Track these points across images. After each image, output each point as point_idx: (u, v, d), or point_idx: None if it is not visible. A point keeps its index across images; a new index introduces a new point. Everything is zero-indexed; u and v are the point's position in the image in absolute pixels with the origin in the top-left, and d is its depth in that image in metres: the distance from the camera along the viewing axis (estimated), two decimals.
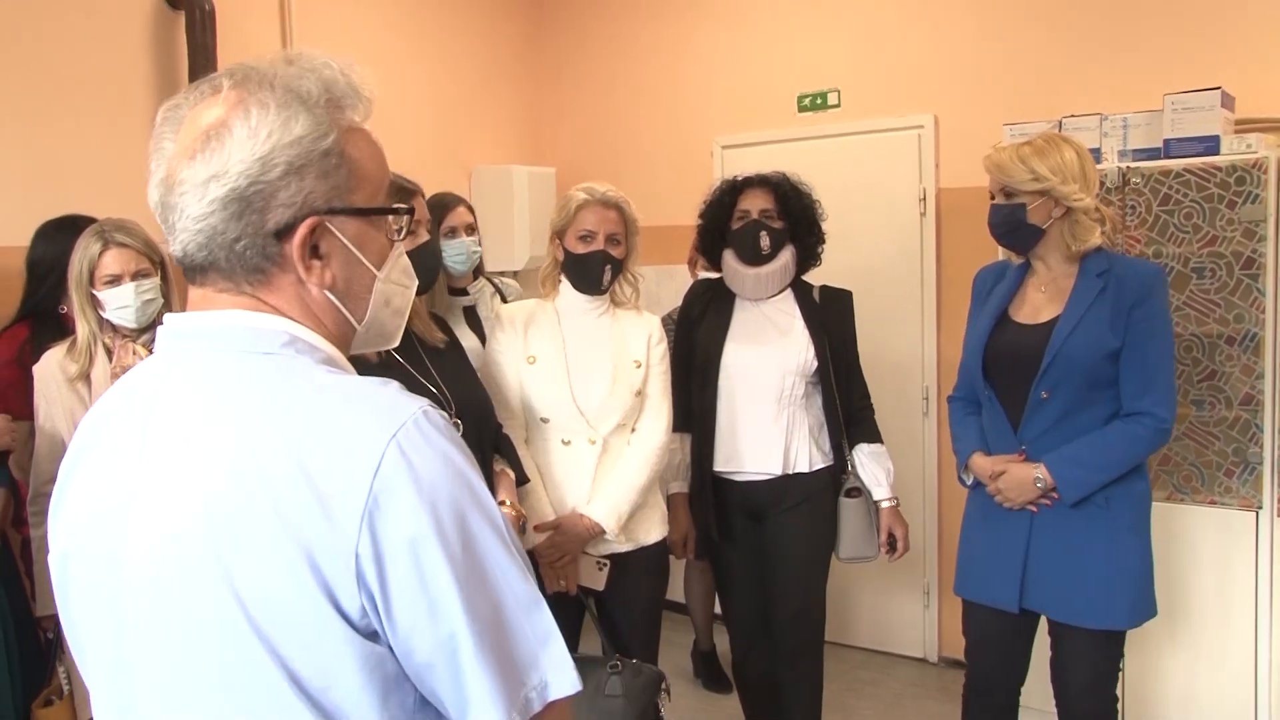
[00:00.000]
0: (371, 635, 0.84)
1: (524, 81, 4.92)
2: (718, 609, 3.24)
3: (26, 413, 2.48)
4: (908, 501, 3.09)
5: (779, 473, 2.69)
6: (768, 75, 4.29)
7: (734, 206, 2.76)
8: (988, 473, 2.39)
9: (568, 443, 2.41)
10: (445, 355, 2.22)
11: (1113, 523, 2.29)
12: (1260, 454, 2.90)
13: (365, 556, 0.82)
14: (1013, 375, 2.35)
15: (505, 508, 2.17)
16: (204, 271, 0.94)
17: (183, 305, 0.98)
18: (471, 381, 2.29)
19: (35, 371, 2.45)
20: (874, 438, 2.80)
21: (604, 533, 2.38)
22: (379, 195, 0.99)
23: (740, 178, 2.80)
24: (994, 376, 2.40)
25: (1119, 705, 2.44)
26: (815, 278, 2.85)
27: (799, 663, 2.77)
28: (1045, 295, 2.37)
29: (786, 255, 2.74)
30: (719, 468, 2.74)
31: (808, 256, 2.78)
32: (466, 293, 2.92)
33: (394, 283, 1.03)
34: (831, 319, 2.77)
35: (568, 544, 2.36)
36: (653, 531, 2.51)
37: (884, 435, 2.83)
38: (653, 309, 2.74)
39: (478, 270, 3.02)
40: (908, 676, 3.96)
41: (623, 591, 2.45)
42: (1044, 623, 2.44)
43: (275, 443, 0.84)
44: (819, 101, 4.17)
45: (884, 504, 2.75)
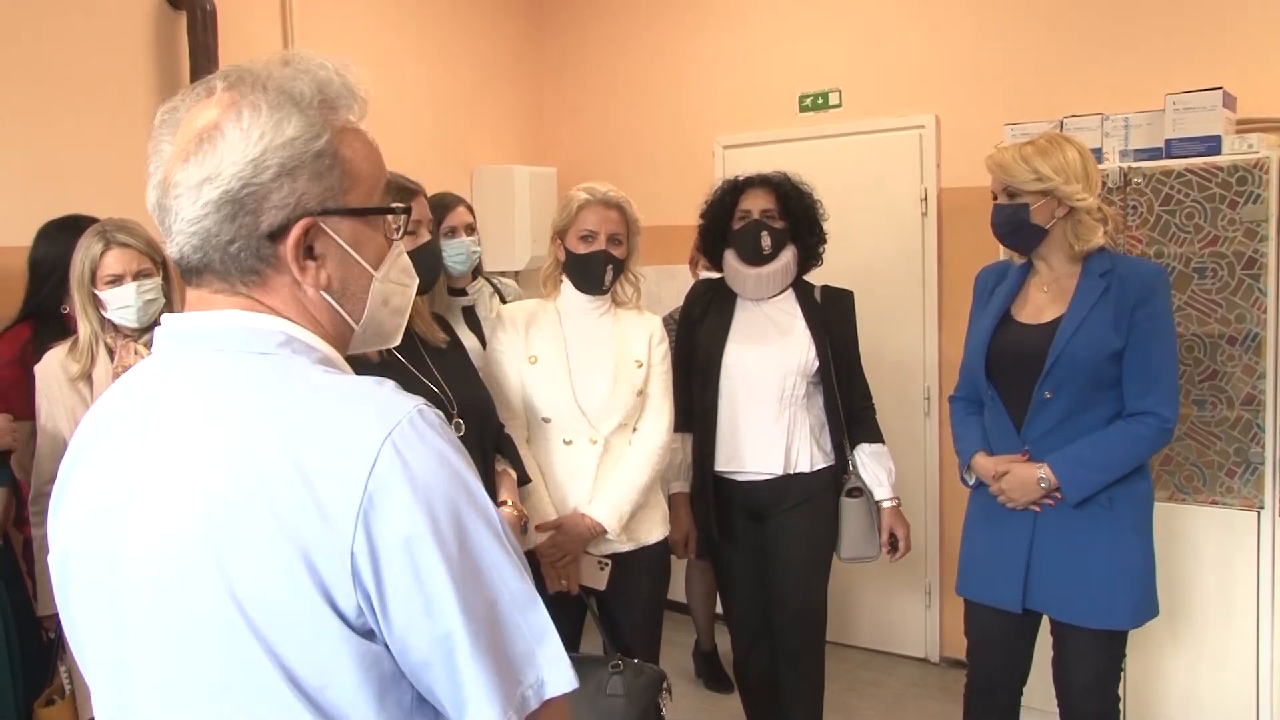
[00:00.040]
0: (368, 634, 0.85)
1: (525, 81, 4.92)
2: (719, 609, 3.23)
3: (28, 412, 2.48)
4: (909, 501, 3.09)
5: (780, 473, 2.69)
6: (769, 75, 4.29)
7: (735, 206, 2.76)
8: (991, 473, 2.39)
9: (569, 442, 2.42)
10: (447, 355, 2.22)
11: (1116, 523, 2.28)
12: (1262, 454, 2.90)
13: (361, 555, 0.82)
14: (1015, 375, 2.35)
15: (507, 508, 2.17)
16: (200, 273, 0.94)
17: (184, 305, 0.98)
18: (473, 381, 2.29)
19: (37, 371, 2.45)
20: (875, 438, 2.80)
21: (605, 532, 2.38)
22: (375, 195, 0.98)
23: (741, 178, 2.80)
24: (997, 376, 2.40)
25: (1121, 705, 2.44)
26: (817, 278, 2.85)
27: (800, 662, 2.77)
28: (1048, 295, 2.37)
29: (788, 255, 2.74)
30: (720, 467, 2.74)
31: (809, 256, 2.78)
32: (465, 293, 2.92)
33: (393, 282, 1.02)
34: (833, 319, 2.76)
35: (569, 544, 2.37)
36: (654, 531, 2.51)
37: (885, 435, 2.83)
38: (654, 309, 2.74)
39: (476, 270, 3.02)
40: (909, 676, 3.96)
41: (624, 591, 2.45)
42: (1045, 622, 2.44)
43: (272, 443, 0.84)
44: (820, 101, 4.17)
45: (885, 504, 2.75)
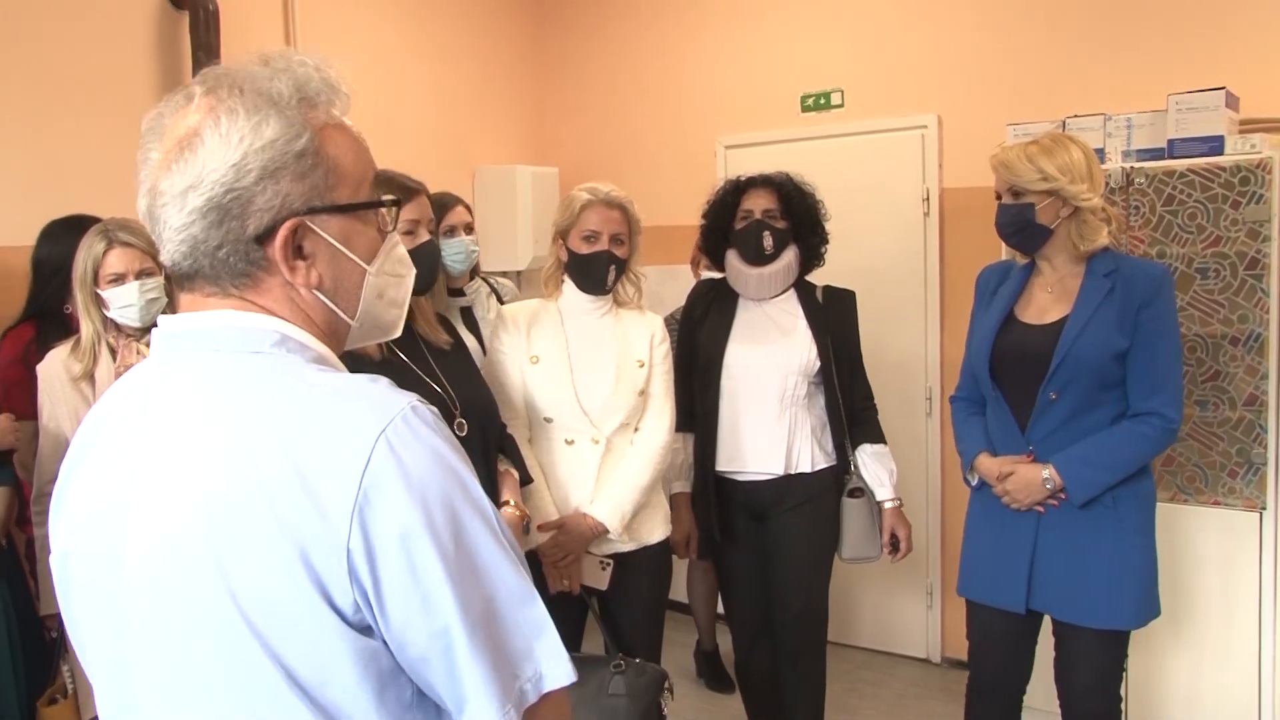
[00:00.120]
0: (365, 630, 0.85)
1: (527, 81, 4.92)
2: (721, 609, 3.24)
3: (31, 412, 2.48)
4: (910, 502, 3.08)
5: (781, 473, 2.69)
6: (771, 75, 4.29)
7: (737, 206, 2.76)
8: (995, 474, 2.38)
9: (571, 442, 2.42)
10: (450, 356, 2.22)
11: (1120, 523, 2.28)
12: (1264, 454, 2.90)
13: (357, 552, 0.82)
14: (1020, 376, 2.35)
15: (509, 508, 2.17)
16: (191, 279, 0.94)
17: (178, 309, 0.98)
18: (476, 381, 2.28)
19: (39, 371, 2.45)
20: (877, 438, 2.79)
21: (607, 532, 2.38)
22: (362, 190, 0.98)
23: (743, 178, 2.79)
24: (1000, 377, 2.40)
25: (1123, 705, 2.44)
26: (818, 278, 2.85)
27: (801, 663, 2.77)
28: (1052, 296, 2.36)
29: (789, 255, 2.73)
30: (721, 467, 2.74)
31: (811, 257, 2.78)
32: (463, 293, 2.91)
33: (388, 274, 1.02)
34: (835, 319, 2.76)
35: (571, 543, 2.37)
36: (656, 531, 2.51)
37: (887, 435, 2.83)
38: (656, 309, 2.74)
39: (473, 270, 3.02)
40: (910, 677, 3.96)
41: (626, 591, 2.45)
42: (1047, 622, 2.44)
43: (268, 441, 0.85)
44: (822, 101, 4.17)
45: (887, 504, 2.75)
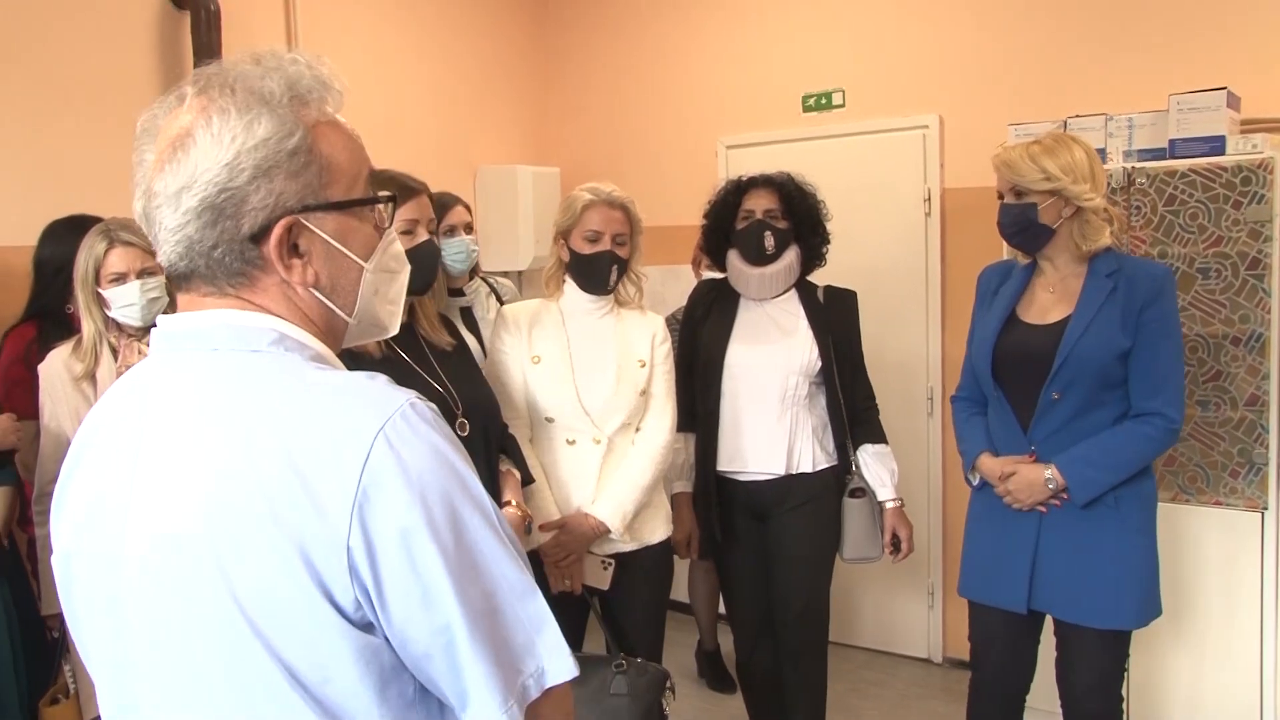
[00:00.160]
0: (367, 627, 0.85)
1: (528, 81, 4.92)
2: (722, 609, 3.24)
3: (33, 412, 2.48)
4: (912, 502, 3.08)
5: (782, 473, 2.69)
6: (772, 75, 4.29)
7: (739, 206, 2.76)
8: (997, 474, 2.38)
9: (572, 442, 2.42)
10: (452, 357, 2.22)
11: (1122, 523, 2.28)
12: (1266, 455, 2.90)
13: (357, 549, 0.82)
14: (1022, 376, 2.34)
15: (511, 508, 2.17)
16: (188, 279, 0.94)
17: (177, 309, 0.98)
18: (478, 382, 2.28)
19: (40, 371, 2.45)
20: (878, 438, 2.79)
21: (609, 532, 2.38)
22: (357, 186, 0.98)
23: (745, 178, 2.79)
24: (1002, 377, 2.39)
25: (1124, 706, 2.44)
26: (820, 278, 2.84)
27: (803, 663, 2.77)
28: (1054, 296, 2.36)
29: (791, 255, 2.73)
30: (722, 467, 2.73)
31: (812, 257, 2.78)
32: (463, 293, 2.91)
33: (384, 270, 1.02)
34: (836, 319, 2.76)
35: (573, 543, 2.37)
36: (657, 531, 2.51)
37: (888, 435, 2.83)
38: (657, 309, 2.74)
39: (473, 270, 3.02)
40: (912, 677, 3.96)
41: (627, 591, 2.45)
42: (1048, 622, 2.44)
43: (267, 440, 0.85)
44: (824, 101, 4.17)
45: (888, 504, 2.75)
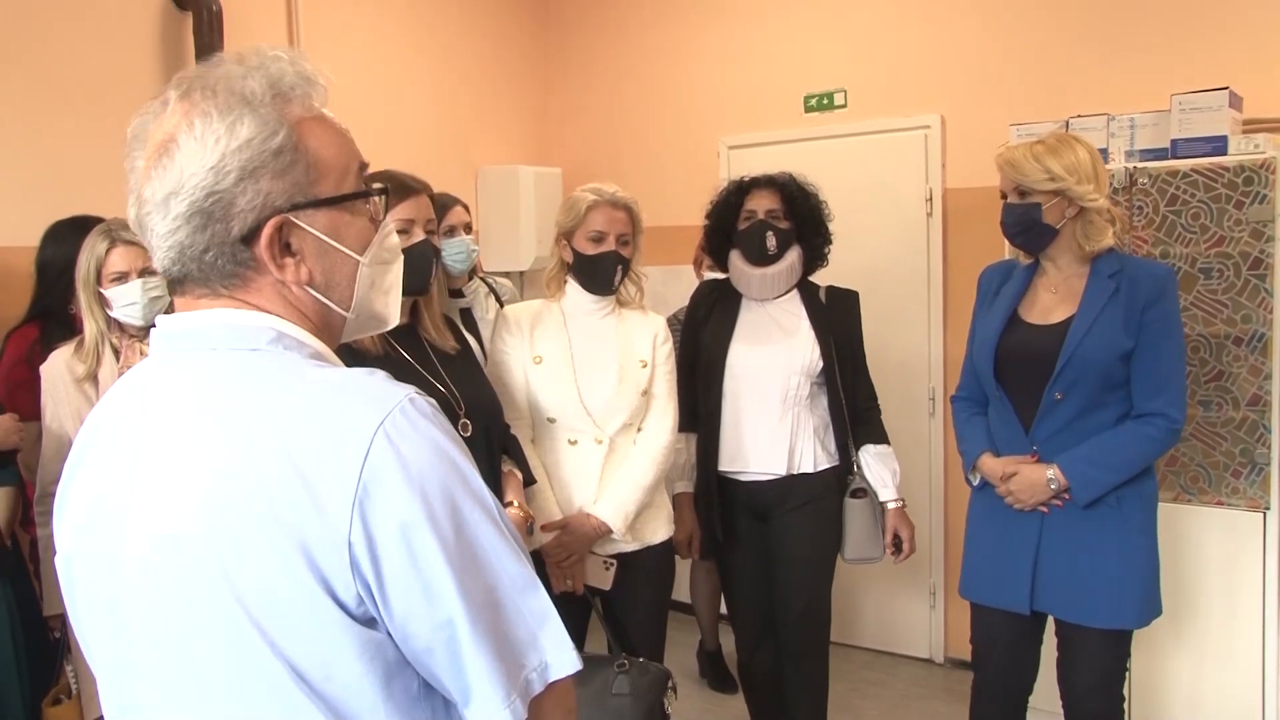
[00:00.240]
0: (369, 622, 0.85)
1: (530, 81, 4.92)
2: (723, 609, 3.24)
3: (36, 413, 2.48)
4: (913, 502, 3.08)
5: (783, 473, 2.69)
6: (774, 75, 4.29)
7: (740, 207, 2.76)
8: (998, 474, 2.38)
9: (574, 442, 2.42)
10: (455, 360, 2.22)
11: (1124, 523, 2.28)
12: (1268, 455, 2.90)
13: (358, 545, 0.82)
14: (1024, 376, 2.34)
15: (513, 508, 2.17)
16: (182, 282, 0.95)
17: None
18: (481, 383, 2.28)
19: (42, 371, 2.46)
20: (880, 438, 2.79)
21: (611, 532, 2.38)
22: (347, 181, 0.97)
23: (747, 178, 2.79)
24: (1005, 377, 2.39)
25: (1125, 705, 2.44)
26: (821, 278, 2.84)
27: (804, 663, 2.76)
28: (1056, 296, 2.36)
29: (793, 256, 2.73)
30: (724, 468, 2.73)
31: (814, 257, 2.78)
32: (462, 294, 2.91)
33: (379, 263, 1.02)
34: (837, 319, 2.76)
35: (575, 544, 2.37)
36: (659, 531, 2.51)
37: (890, 435, 2.82)
38: (659, 309, 2.74)
39: (471, 271, 3.02)
40: (913, 677, 3.96)
41: (629, 591, 2.45)
42: (1049, 622, 2.44)
43: (267, 439, 0.85)
44: (825, 102, 4.17)
45: (890, 505, 2.74)
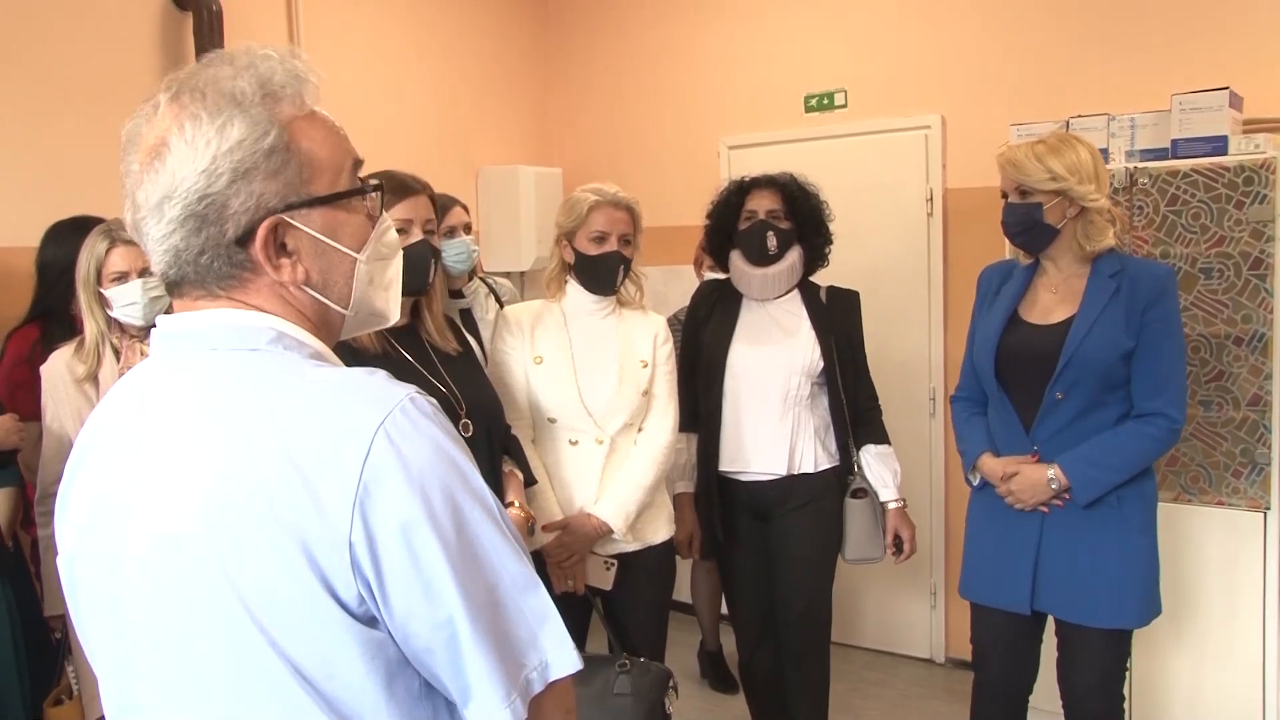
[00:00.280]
0: (370, 622, 0.85)
1: (530, 82, 4.92)
2: (724, 609, 3.24)
3: (36, 413, 2.48)
4: (914, 502, 3.08)
5: (784, 473, 2.69)
6: (774, 75, 4.29)
7: (741, 207, 2.76)
8: (999, 474, 2.38)
9: (575, 443, 2.42)
10: (457, 361, 2.22)
11: (1125, 523, 2.28)
12: (1268, 454, 2.90)
13: (359, 544, 0.83)
14: (1025, 376, 2.34)
15: (514, 509, 2.17)
16: (179, 285, 0.95)
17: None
18: (482, 384, 2.28)
19: (43, 372, 2.45)
20: (881, 438, 2.79)
21: (611, 532, 2.38)
22: (341, 179, 0.97)
23: (747, 178, 2.79)
24: (1005, 377, 2.39)
25: (1126, 705, 2.44)
26: (822, 278, 2.84)
27: (805, 663, 2.76)
28: (1057, 296, 2.36)
29: (793, 256, 2.73)
30: (724, 468, 2.73)
31: (815, 257, 2.78)
32: (462, 294, 2.91)
33: (377, 259, 1.01)
34: (838, 319, 2.76)
35: (575, 544, 2.37)
36: (660, 531, 2.51)
37: (890, 435, 2.82)
38: (660, 309, 2.74)
39: (471, 271, 3.02)
40: (914, 677, 3.96)
41: (630, 591, 2.45)
42: (1049, 622, 2.44)
43: (267, 439, 0.85)
44: (826, 102, 4.17)
45: (891, 505, 2.74)
